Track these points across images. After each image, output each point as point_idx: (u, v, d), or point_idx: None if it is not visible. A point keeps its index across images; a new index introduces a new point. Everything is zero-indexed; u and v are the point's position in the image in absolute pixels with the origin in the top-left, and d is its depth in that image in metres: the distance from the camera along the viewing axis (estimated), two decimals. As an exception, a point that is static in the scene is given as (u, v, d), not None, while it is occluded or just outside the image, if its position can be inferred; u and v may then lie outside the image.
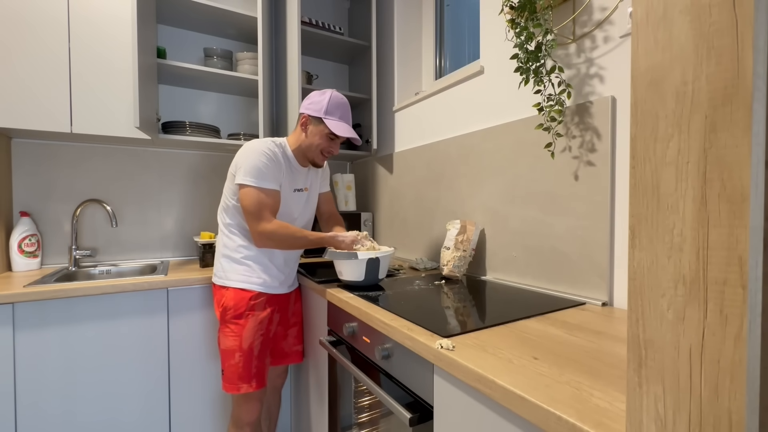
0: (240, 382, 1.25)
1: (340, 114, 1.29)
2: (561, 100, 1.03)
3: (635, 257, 0.38)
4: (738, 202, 0.30)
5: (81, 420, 1.32)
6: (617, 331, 0.80)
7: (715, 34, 0.32)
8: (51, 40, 1.47)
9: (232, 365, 1.25)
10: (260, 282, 1.30)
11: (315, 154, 1.31)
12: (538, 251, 1.18)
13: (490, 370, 0.62)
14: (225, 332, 1.27)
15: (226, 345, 1.26)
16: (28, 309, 1.25)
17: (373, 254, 1.19)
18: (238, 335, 1.26)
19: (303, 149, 1.32)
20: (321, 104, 1.27)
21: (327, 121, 1.26)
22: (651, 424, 0.37)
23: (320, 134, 1.28)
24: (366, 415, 1.25)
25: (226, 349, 1.26)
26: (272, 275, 1.32)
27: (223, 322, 1.28)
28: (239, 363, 1.25)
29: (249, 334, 1.26)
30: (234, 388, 1.26)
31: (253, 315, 1.28)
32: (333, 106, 1.27)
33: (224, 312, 1.27)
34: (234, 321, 1.26)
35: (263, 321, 1.30)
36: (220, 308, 1.29)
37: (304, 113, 1.29)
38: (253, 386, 1.27)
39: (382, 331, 0.90)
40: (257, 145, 1.25)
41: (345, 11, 2.35)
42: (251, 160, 1.21)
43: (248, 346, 1.26)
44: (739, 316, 0.30)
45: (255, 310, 1.28)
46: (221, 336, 1.28)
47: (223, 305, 1.27)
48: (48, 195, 1.70)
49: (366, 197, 2.23)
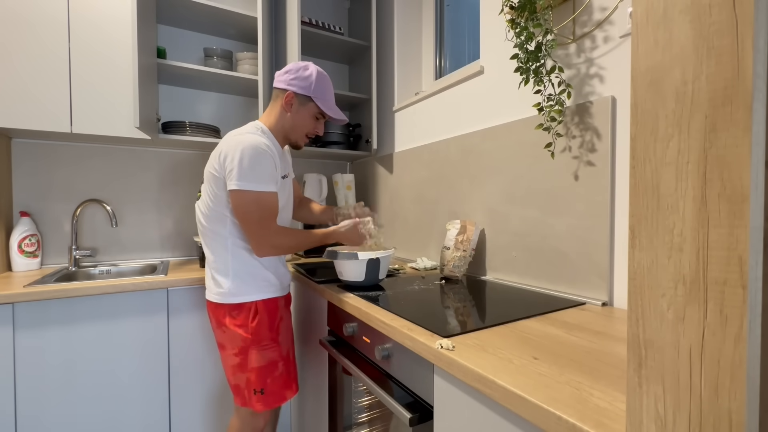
0: (285, 390, 1.20)
1: (328, 91, 1.20)
2: (561, 100, 1.03)
3: (635, 257, 0.38)
4: (738, 202, 0.30)
5: (81, 420, 1.32)
6: (617, 331, 0.80)
7: (715, 34, 0.32)
8: (51, 40, 1.47)
9: (276, 378, 1.18)
10: (279, 285, 1.25)
11: (299, 136, 1.22)
12: (538, 251, 1.18)
13: (490, 370, 0.62)
14: (263, 347, 1.16)
15: (266, 360, 1.17)
16: (28, 309, 1.25)
17: (373, 254, 1.19)
18: (277, 345, 1.19)
19: (286, 130, 1.20)
20: (308, 81, 1.16)
21: (318, 102, 1.17)
22: (651, 424, 0.37)
23: (308, 114, 1.19)
24: (366, 415, 1.25)
25: (267, 365, 1.17)
26: (283, 275, 1.28)
27: (256, 340, 1.16)
28: (283, 372, 1.20)
29: (284, 340, 1.23)
30: (281, 399, 1.19)
31: (283, 320, 1.24)
32: (320, 83, 1.17)
33: (259, 327, 1.16)
34: (270, 333, 1.19)
35: (289, 325, 1.29)
36: (251, 325, 1.16)
37: (288, 90, 1.16)
38: (294, 389, 1.23)
39: (382, 331, 0.90)
40: (249, 141, 1.08)
41: (345, 11, 2.35)
42: (249, 162, 1.06)
43: (287, 352, 1.23)
44: (739, 316, 0.30)
45: (284, 315, 1.25)
46: (255, 354, 1.15)
47: (258, 321, 1.16)
48: (48, 195, 1.70)
49: (366, 197, 2.23)
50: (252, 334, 1.16)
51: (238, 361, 1.17)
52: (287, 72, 1.18)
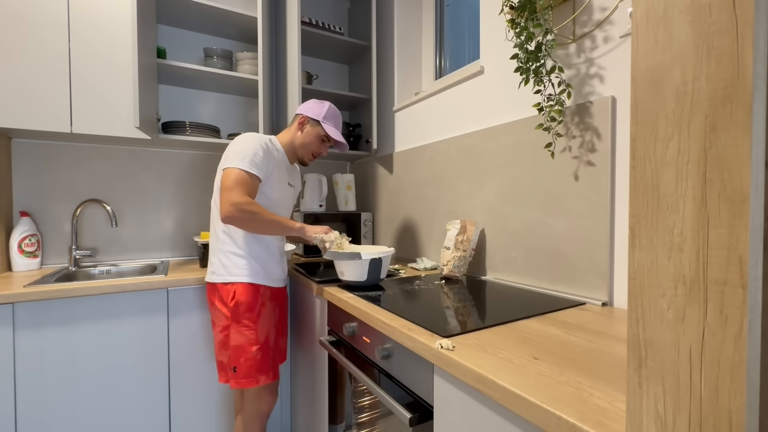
0: (258, 374, 1.26)
1: (335, 122, 1.42)
2: (561, 100, 1.03)
3: (635, 257, 0.38)
4: (738, 202, 0.30)
5: (81, 420, 1.32)
6: (617, 331, 0.80)
7: (715, 34, 0.32)
8: (51, 40, 1.47)
9: (248, 359, 1.25)
10: (264, 275, 1.31)
11: (306, 152, 1.41)
12: (538, 251, 1.18)
13: (490, 370, 0.62)
14: (238, 328, 1.25)
15: (240, 340, 1.25)
16: (28, 309, 1.25)
17: (375, 255, 1.20)
18: (254, 329, 1.26)
19: (296, 146, 1.40)
20: (321, 110, 1.39)
21: (324, 125, 1.38)
22: (651, 424, 0.37)
23: (315, 135, 1.39)
24: (366, 415, 1.25)
25: (240, 345, 1.25)
26: (273, 269, 1.34)
27: (235, 319, 1.25)
28: (257, 356, 1.26)
29: (264, 327, 1.29)
30: (252, 381, 1.25)
31: (264, 307, 1.30)
32: (330, 114, 1.41)
33: (237, 307, 1.24)
34: (248, 315, 1.25)
35: (273, 313, 1.34)
36: (229, 304, 1.25)
37: (302, 114, 1.39)
38: (270, 377, 1.29)
39: (382, 331, 0.90)
40: (250, 136, 1.29)
41: (345, 11, 2.35)
42: (242, 147, 1.23)
43: (265, 339, 1.29)
44: (739, 316, 0.30)
45: (266, 303, 1.31)
46: (233, 332, 1.25)
47: (236, 300, 1.25)
48: (48, 195, 1.70)
49: (366, 197, 2.23)
50: (231, 312, 1.25)
51: (221, 338, 1.29)
52: (306, 103, 1.42)
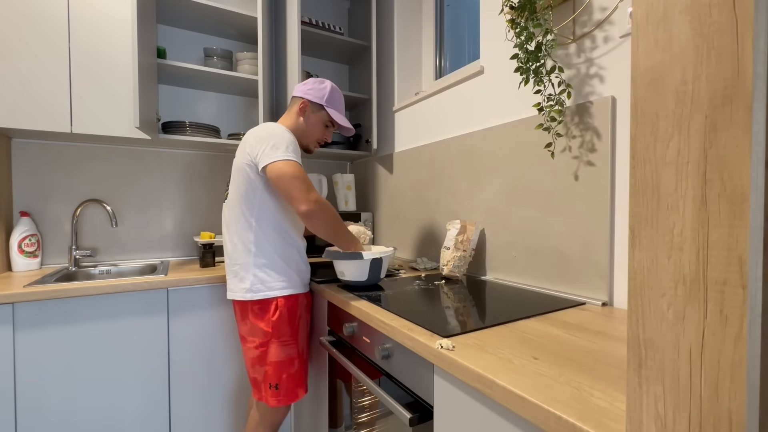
0: (298, 388, 1.23)
1: (339, 104, 1.31)
2: (561, 100, 1.03)
3: (635, 257, 0.38)
4: (738, 202, 0.30)
5: (81, 420, 1.32)
6: (617, 331, 0.80)
7: (715, 34, 0.32)
8: (51, 40, 1.47)
9: (291, 374, 1.21)
10: (300, 283, 1.26)
11: (311, 140, 1.31)
12: (538, 251, 1.18)
13: (490, 370, 0.62)
14: (279, 344, 1.19)
15: (283, 356, 1.20)
16: (28, 309, 1.25)
17: (376, 254, 1.19)
18: (294, 343, 1.22)
19: (298, 134, 1.27)
20: (323, 92, 1.27)
21: (329, 110, 1.27)
22: (651, 424, 0.37)
23: (320, 121, 1.28)
24: (366, 415, 1.25)
25: (284, 360, 1.20)
26: (304, 274, 1.29)
27: (276, 335, 1.19)
28: (298, 370, 1.22)
29: (303, 338, 1.25)
30: (294, 396, 1.21)
31: (302, 318, 1.26)
32: (333, 95, 1.29)
33: (280, 321, 1.19)
34: (289, 329, 1.21)
35: (307, 323, 1.31)
36: (272, 319, 1.19)
37: (303, 98, 1.27)
38: (305, 389, 1.25)
39: (382, 331, 0.90)
40: (272, 127, 1.18)
41: (345, 11, 2.35)
42: (277, 139, 1.13)
43: (302, 351, 1.25)
44: (739, 316, 0.30)
45: (303, 313, 1.27)
46: (274, 348, 1.19)
47: (279, 315, 1.19)
48: (48, 195, 1.70)
49: (366, 197, 2.23)
50: (273, 328, 1.19)
51: (257, 354, 1.20)
52: (305, 84, 1.29)
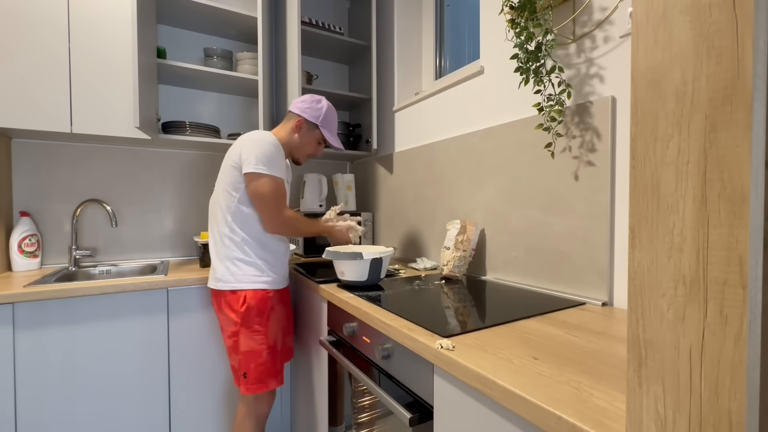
0: (269, 379, 1.28)
1: (333, 123, 1.41)
2: (561, 100, 1.03)
3: (635, 257, 0.38)
4: (738, 202, 0.30)
5: (81, 420, 1.32)
6: (617, 331, 0.80)
7: (715, 34, 0.32)
8: (51, 40, 1.47)
9: (259, 365, 1.26)
10: (271, 280, 1.31)
11: (301, 155, 1.41)
12: (538, 251, 1.18)
13: (490, 370, 0.62)
14: (249, 334, 1.25)
15: (252, 346, 1.25)
16: (28, 309, 1.25)
17: (376, 254, 1.20)
18: (264, 334, 1.27)
19: (291, 148, 1.38)
20: (319, 112, 1.37)
21: (323, 130, 1.38)
22: (651, 424, 0.37)
23: (314, 139, 1.39)
24: (366, 415, 1.25)
25: (252, 350, 1.25)
26: (278, 271, 1.34)
27: (246, 325, 1.25)
28: (267, 361, 1.27)
29: (273, 331, 1.30)
30: (263, 386, 1.27)
31: (273, 312, 1.30)
32: (328, 116, 1.39)
33: (248, 313, 1.25)
34: (259, 321, 1.26)
35: (281, 315, 1.35)
36: (239, 310, 1.25)
37: (300, 116, 1.36)
38: (278, 381, 1.31)
39: (382, 331, 0.90)
40: (263, 135, 1.27)
41: (345, 11, 2.35)
42: (263, 150, 1.22)
43: (273, 343, 1.30)
44: (739, 316, 0.30)
45: (274, 307, 1.31)
46: (243, 338, 1.25)
47: (247, 306, 1.25)
48: (48, 195, 1.70)
49: (366, 197, 2.23)
50: (241, 318, 1.25)
51: (230, 344, 1.30)
52: (303, 101, 1.38)
